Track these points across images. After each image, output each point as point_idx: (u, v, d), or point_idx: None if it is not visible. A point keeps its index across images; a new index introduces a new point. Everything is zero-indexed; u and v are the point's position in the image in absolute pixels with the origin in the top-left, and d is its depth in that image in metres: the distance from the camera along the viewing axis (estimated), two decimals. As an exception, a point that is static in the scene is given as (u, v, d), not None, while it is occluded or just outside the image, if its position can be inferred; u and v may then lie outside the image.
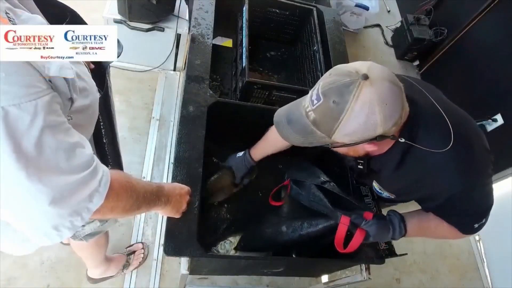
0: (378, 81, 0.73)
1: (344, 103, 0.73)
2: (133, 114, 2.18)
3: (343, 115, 0.74)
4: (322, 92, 0.76)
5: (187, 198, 1.00)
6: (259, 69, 1.85)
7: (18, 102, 0.50)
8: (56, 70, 0.58)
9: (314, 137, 0.82)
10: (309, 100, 0.79)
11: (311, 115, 0.79)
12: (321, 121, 0.78)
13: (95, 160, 0.65)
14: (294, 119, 0.84)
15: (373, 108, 0.73)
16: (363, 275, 1.19)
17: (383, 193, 1.09)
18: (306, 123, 0.81)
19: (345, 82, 0.74)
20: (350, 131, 0.76)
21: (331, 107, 0.75)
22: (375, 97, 0.72)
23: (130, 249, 1.74)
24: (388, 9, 3.63)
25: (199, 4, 1.54)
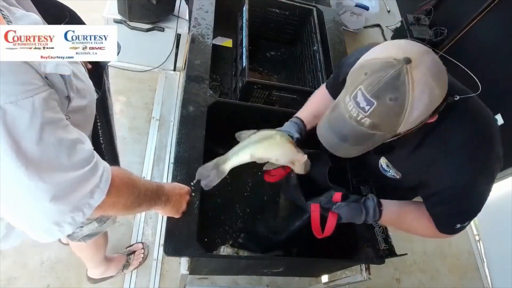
0: (419, 57, 0.70)
1: (402, 95, 0.69)
2: (133, 114, 2.18)
3: (406, 107, 0.70)
4: (371, 95, 0.70)
5: (187, 198, 1.00)
6: (259, 69, 1.85)
7: (14, 99, 0.50)
8: (52, 67, 0.58)
9: (374, 140, 0.78)
10: (356, 109, 0.73)
11: (366, 121, 0.73)
12: (382, 122, 0.73)
13: (95, 156, 0.65)
14: (348, 134, 0.78)
15: (431, 85, 0.70)
16: (363, 275, 1.19)
17: (390, 171, 1.04)
18: (363, 131, 0.75)
19: (392, 75, 0.69)
20: (417, 116, 0.72)
21: (390, 106, 0.70)
22: (428, 73, 0.70)
23: (130, 249, 1.74)
24: (388, 9, 3.63)
25: (199, 4, 1.54)
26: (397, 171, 1.01)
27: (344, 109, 0.76)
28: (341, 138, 0.79)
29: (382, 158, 1.05)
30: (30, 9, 0.72)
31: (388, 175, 1.05)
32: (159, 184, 0.88)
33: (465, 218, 0.93)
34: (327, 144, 0.83)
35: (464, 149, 0.84)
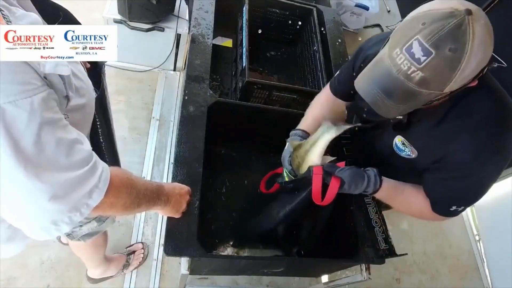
0: (478, 12, 0.68)
1: (462, 46, 0.66)
2: (133, 114, 2.18)
3: (463, 59, 0.67)
4: (431, 44, 0.66)
5: (187, 198, 1.00)
6: (259, 69, 1.85)
7: (13, 99, 0.50)
8: (51, 67, 0.58)
9: (418, 100, 0.74)
10: (408, 61, 0.69)
11: (417, 75, 0.69)
12: (434, 77, 0.70)
13: (94, 156, 0.65)
14: (393, 91, 0.74)
15: (487, 41, 0.69)
16: (363, 275, 1.19)
17: (405, 150, 1.01)
18: (410, 87, 0.71)
19: (455, 23, 0.66)
20: (469, 72, 0.70)
21: (447, 57, 0.67)
22: (486, 29, 0.68)
23: (130, 249, 1.74)
24: (388, 9, 3.63)
25: (199, 4, 1.54)
26: (414, 149, 0.98)
27: (390, 63, 0.72)
28: (385, 93, 0.75)
29: (398, 137, 1.01)
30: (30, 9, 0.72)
31: (402, 155, 1.02)
32: (159, 184, 0.88)
33: (463, 202, 0.92)
34: (370, 97, 0.79)
35: (488, 125, 0.83)
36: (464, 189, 0.91)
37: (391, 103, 0.76)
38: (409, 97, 0.74)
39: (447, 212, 0.95)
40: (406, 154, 1.01)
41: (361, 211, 1.22)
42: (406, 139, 0.99)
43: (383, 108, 0.79)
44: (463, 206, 0.93)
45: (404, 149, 1.01)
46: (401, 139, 1.00)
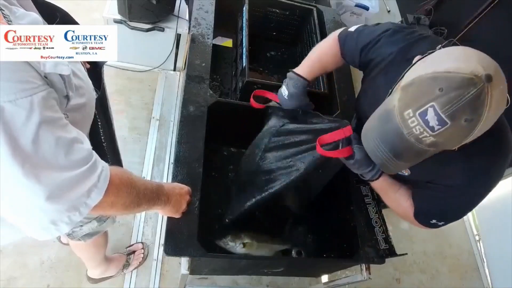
0: (497, 74, 0.64)
1: (478, 117, 0.63)
2: (133, 114, 2.19)
3: (477, 128, 0.64)
4: (447, 115, 0.63)
5: (187, 198, 1.00)
6: (259, 69, 1.85)
7: (13, 98, 0.50)
8: (51, 66, 0.58)
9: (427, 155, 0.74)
10: (421, 127, 0.66)
11: (429, 140, 0.67)
12: (445, 142, 0.68)
13: (94, 155, 0.65)
14: (404, 153, 0.72)
15: (502, 105, 0.66)
16: (363, 275, 1.19)
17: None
18: (421, 149, 0.70)
19: (474, 93, 0.61)
20: (477, 135, 0.67)
21: (462, 127, 0.64)
22: (503, 93, 0.64)
23: (130, 249, 1.74)
24: (388, 9, 3.62)
25: (199, 4, 1.54)
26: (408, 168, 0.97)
27: (401, 124, 0.69)
28: (395, 155, 0.73)
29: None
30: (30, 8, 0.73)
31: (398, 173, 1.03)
32: (159, 184, 0.88)
33: (444, 218, 0.93)
34: (377, 160, 0.78)
35: (484, 157, 0.81)
36: (450, 208, 0.92)
37: (401, 162, 0.75)
38: (418, 156, 0.73)
39: (428, 223, 0.97)
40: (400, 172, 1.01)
41: (361, 211, 1.22)
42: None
43: (392, 167, 0.78)
44: (443, 222, 0.94)
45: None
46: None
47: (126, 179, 0.73)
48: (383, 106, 0.76)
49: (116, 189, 0.69)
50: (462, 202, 0.90)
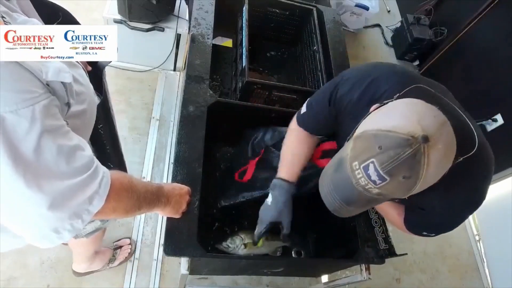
0: (437, 135, 0.66)
1: (415, 175, 0.66)
2: (133, 114, 2.18)
3: (418, 183, 0.68)
4: (385, 172, 0.67)
5: (187, 198, 1.00)
6: (259, 69, 1.85)
7: (15, 108, 0.50)
8: (53, 74, 0.58)
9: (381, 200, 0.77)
10: (366, 179, 0.70)
11: (374, 190, 0.70)
12: (391, 193, 0.71)
13: (95, 162, 0.65)
14: (354, 200, 0.76)
15: (444, 163, 0.69)
16: (363, 275, 1.19)
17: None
18: (368, 196, 0.73)
19: (408, 154, 0.65)
20: (425, 187, 0.71)
21: (401, 182, 0.68)
22: (443, 152, 0.67)
23: (117, 244, 1.73)
24: (388, 9, 3.63)
25: (199, 4, 1.54)
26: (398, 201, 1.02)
27: (350, 173, 0.72)
28: (346, 202, 0.77)
29: None
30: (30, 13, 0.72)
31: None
32: (159, 185, 0.88)
33: (434, 231, 0.96)
34: (331, 207, 0.81)
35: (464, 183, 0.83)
36: (436, 225, 0.94)
37: (351, 208, 0.78)
38: (370, 202, 0.76)
39: (419, 233, 0.99)
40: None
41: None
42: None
43: (344, 213, 0.81)
44: (434, 234, 0.96)
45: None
46: None
47: (126, 183, 0.73)
48: (339, 153, 0.80)
49: (117, 194, 0.69)
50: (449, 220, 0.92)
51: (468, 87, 2.68)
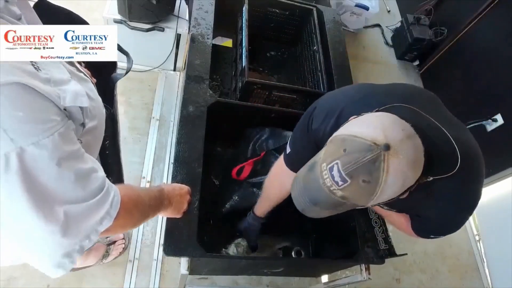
0: (400, 146, 0.69)
1: (375, 180, 0.69)
2: (133, 114, 2.18)
3: (378, 190, 0.70)
4: (346, 174, 0.70)
5: (188, 198, 1.00)
6: (259, 69, 1.85)
7: (36, 140, 0.49)
8: (71, 99, 0.57)
9: (346, 206, 0.78)
10: (330, 180, 0.73)
11: (338, 193, 0.73)
12: (353, 197, 0.74)
13: (107, 182, 0.64)
14: (320, 200, 0.79)
15: (405, 174, 0.70)
16: (363, 275, 1.19)
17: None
18: (335, 199, 0.75)
19: (369, 159, 0.68)
20: (387, 197, 0.73)
21: (362, 186, 0.71)
22: (404, 163, 0.69)
23: (111, 239, 1.71)
24: (388, 9, 3.62)
25: (199, 4, 1.54)
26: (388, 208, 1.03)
27: (319, 174, 0.76)
28: (312, 201, 0.80)
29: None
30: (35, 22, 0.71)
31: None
32: (160, 188, 0.87)
33: (439, 234, 0.98)
34: (299, 207, 0.84)
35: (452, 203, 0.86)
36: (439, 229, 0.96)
37: (318, 209, 0.81)
38: (336, 205, 0.78)
39: (427, 237, 1.01)
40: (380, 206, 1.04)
41: (361, 211, 1.22)
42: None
43: (312, 213, 0.84)
44: (442, 236, 0.98)
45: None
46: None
47: (134, 197, 0.72)
48: (314, 157, 0.82)
49: (126, 211, 0.68)
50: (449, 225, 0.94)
51: (468, 87, 2.67)
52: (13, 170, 0.47)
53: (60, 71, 0.61)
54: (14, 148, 0.46)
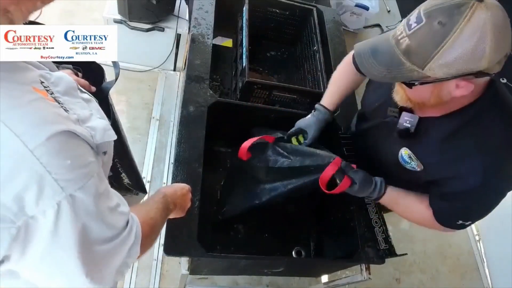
0: (494, 7, 0.66)
1: (452, 24, 0.65)
2: (133, 114, 2.19)
3: (448, 38, 0.66)
4: (425, 13, 0.68)
5: (189, 196, 1.00)
6: (259, 69, 1.85)
7: (82, 184, 0.49)
8: (101, 136, 0.57)
9: (400, 71, 0.75)
10: (404, 26, 0.72)
11: (405, 42, 0.71)
12: (417, 48, 0.70)
13: (130, 214, 0.63)
14: (380, 50, 0.77)
15: (485, 35, 0.65)
16: (363, 275, 1.19)
17: (411, 163, 0.98)
18: (395, 53, 0.74)
19: (456, 2, 0.66)
20: (452, 59, 0.68)
21: (434, 29, 0.67)
22: (490, 22, 0.65)
23: None
24: (388, 9, 3.63)
25: (199, 4, 1.54)
26: (420, 163, 0.95)
27: (391, 32, 0.77)
28: (373, 51, 0.79)
29: (404, 149, 0.99)
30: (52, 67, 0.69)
31: (407, 167, 0.99)
32: (163, 195, 0.86)
33: (469, 218, 0.92)
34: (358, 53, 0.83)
35: (503, 150, 0.81)
36: (472, 209, 0.91)
37: (373, 61, 0.79)
38: (392, 63, 0.76)
39: (453, 225, 0.95)
40: (411, 167, 0.99)
41: (361, 211, 1.22)
42: (413, 153, 0.96)
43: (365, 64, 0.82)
44: (470, 222, 0.93)
45: (410, 162, 0.99)
46: (407, 152, 0.98)
47: (150, 221, 0.71)
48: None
49: (146, 237, 0.66)
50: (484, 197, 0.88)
51: (468, 87, 2.67)
52: (64, 217, 0.47)
53: (81, 106, 0.60)
54: (65, 196, 0.46)
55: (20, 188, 0.44)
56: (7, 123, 0.43)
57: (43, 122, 0.46)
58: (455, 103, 0.82)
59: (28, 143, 0.43)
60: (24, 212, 0.45)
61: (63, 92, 0.57)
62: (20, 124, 0.44)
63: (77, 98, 0.61)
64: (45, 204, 0.45)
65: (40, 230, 0.46)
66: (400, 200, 1.06)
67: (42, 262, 0.49)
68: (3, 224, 0.44)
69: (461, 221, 0.92)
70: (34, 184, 0.44)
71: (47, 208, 0.45)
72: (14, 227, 0.45)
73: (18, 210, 0.44)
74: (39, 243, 0.47)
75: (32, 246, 0.47)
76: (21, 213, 0.44)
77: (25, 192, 0.44)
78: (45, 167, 0.44)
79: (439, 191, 0.94)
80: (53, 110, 0.50)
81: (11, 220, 0.44)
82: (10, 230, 0.45)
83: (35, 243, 0.47)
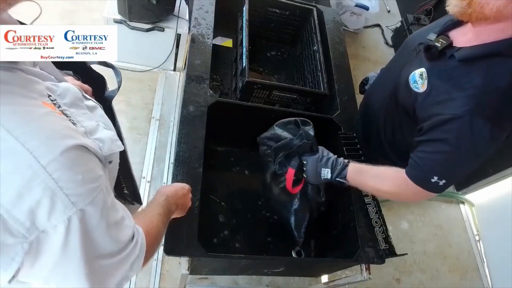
0: None
1: None
2: (133, 114, 2.19)
3: None
4: None
5: (190, 196, 1.00)
6: (259, 69, 1.85)
7: (91, 198, 0.49)
8: (109, 148, 0.57)
9: None
10: None
11: None
12: None
13: (135, 227, 0.63)
14: None
15: None
16: (363, 275, 1.19)
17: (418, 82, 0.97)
18: None
19: None
20: None
21: None
22: None
23: None
24: (388, 9, 3.63)
25: (199, 4, 1.54)
26: (426, 84, 0.95)
27: None
28: None
29: (421, 68, 0.98)
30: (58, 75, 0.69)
31: (411, 87, 0.99)
32: (164, 197, 0.86)
33: (446, 173, 0.88)
34: None
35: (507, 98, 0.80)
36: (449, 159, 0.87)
37: None
38: None
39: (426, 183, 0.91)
40: (415, 87, 0.98)
41: (361, 211, 1.22)
42: (427, 72, 0.96)
43: None
44: (445, 180, 0.88)
45: (417, 81, 0.98)
46: (421, 70, 0.98)
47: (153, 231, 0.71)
48: None
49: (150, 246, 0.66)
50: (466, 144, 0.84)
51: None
52: (74, 232, 0.47)
53: (88, 117, 0.60)
54: (75, 211, 0.47)
55: (33, 204, 0.44)
56: (20, 139, 0.43)
57: (55, 137, 0.46)
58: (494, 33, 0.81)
59: (40, 159, 0.44)
60: (35, 226, 0.45)
61: (70, 104, 0.57)
62: (32, 140, 0.44)
63: (83, 109, 0.61)
64: (57, 219, 0.45)
65: (51, 244, 0.46)
66: (368, 169, 1.06)
67: (50, 275, 0.49)
68: (16, 239, 0.44)
69: (436, 177, 0.88)
70: (46, 199, 0.44)
71: (58, 223, 0.46)
72: (26, 242, 0.45)
73: (31, 225, 0.44)
74: (49, 257, 0.47)
75: (42, 260, 0.47)
76: (33, 228, 0.45)
77: (38, 208, 0.44)
78: (57, 182, 0.44)
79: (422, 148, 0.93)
80: (62, 124, 0.50)
81: (24, 235, 0.44)
82: (23, 245, 0.45)
83: (44, 257, 0.47)
